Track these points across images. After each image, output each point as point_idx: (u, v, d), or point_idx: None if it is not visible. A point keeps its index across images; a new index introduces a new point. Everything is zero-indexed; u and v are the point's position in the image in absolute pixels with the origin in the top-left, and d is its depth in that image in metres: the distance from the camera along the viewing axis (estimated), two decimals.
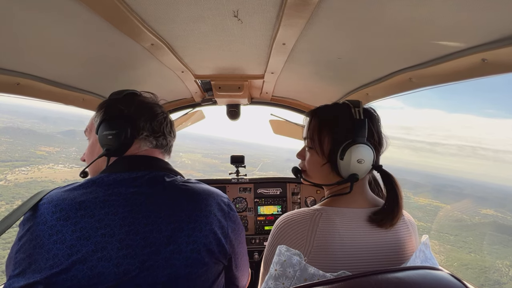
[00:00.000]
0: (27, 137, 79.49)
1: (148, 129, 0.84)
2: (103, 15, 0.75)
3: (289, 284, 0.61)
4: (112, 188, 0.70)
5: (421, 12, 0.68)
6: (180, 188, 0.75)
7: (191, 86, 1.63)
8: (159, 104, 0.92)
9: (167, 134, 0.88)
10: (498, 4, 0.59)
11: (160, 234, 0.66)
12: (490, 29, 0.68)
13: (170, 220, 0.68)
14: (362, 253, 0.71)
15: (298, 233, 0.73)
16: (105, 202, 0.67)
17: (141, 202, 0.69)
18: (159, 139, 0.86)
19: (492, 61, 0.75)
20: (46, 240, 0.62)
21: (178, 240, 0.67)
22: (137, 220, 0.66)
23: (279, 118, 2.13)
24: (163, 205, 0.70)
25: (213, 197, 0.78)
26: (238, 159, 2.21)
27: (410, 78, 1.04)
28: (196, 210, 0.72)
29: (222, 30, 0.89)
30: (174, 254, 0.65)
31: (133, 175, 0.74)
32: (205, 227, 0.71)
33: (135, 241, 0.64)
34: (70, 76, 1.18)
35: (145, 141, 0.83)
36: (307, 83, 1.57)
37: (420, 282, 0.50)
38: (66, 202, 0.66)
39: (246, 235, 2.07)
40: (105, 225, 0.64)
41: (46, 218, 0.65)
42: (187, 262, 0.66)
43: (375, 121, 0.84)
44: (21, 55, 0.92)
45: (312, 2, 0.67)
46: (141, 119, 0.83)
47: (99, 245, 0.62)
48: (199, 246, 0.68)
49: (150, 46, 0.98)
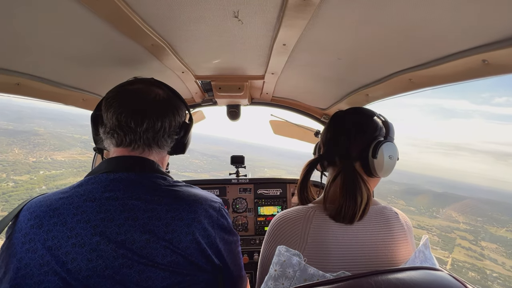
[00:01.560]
0: None
1: (110, 125, 0.73)
2: (103, 15, 0.75)
3: (288, 285, 0.61)
4: (88, 193, 0.65)
5: (421, 13, 0.68)
6: (161, 194, 0.68)
7: (191, 86, 1.63)
8: (149, 91, 0.77)
9: (137, 126, 0.72)
10: (498, 5, 0.59)
11: (133, 245, 0.61)
12: (491, 30, 0.68)
13: (144, 229, 0.62)
14: (356, 251, 0.72)
15: (293, 230, 0.75)
16: (78, 208, 0.62)
17: (115, 209, 0.63)
18: (120, 133, 0.72)
19: (492, 62, 0.75)
20: (19, 248, 0.59)
21: (153, 252, 0.61)
22: (109, 229, 0.61)
23: (279, 118, 2.14)
24: (139, 212, 0.64)
25: (200, 202, 0.71)
26: (238, 159, 2.21)
27: (410, 79, 1.04)
28: (176, 218, 0.66)
29: (222, 31, 0.89)
30: (148, 267, 0.60)
31: (111, 177, 0.68)
32: (186, 237, 0.65)
33: (105, 252, 0.59)
34: (70, 76, 1.18)
35: (110, 138, 0.74)
36: (307, 84, 1.57)
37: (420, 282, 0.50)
38: (42, 208, 0.63)
39: (246, 235, 2.07)
40: (76, 234, 0.60)
41: (21, 226, 0.62)
42: (165, 275, 0.61)
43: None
44: (21, 55, 0.92)
45: (312, 3, 0.67)
46: (105, 113, 0.73)
47: (69, 255, 0.58)
48: (177, 258, 0.63)
49: (150, 47, 0.98)
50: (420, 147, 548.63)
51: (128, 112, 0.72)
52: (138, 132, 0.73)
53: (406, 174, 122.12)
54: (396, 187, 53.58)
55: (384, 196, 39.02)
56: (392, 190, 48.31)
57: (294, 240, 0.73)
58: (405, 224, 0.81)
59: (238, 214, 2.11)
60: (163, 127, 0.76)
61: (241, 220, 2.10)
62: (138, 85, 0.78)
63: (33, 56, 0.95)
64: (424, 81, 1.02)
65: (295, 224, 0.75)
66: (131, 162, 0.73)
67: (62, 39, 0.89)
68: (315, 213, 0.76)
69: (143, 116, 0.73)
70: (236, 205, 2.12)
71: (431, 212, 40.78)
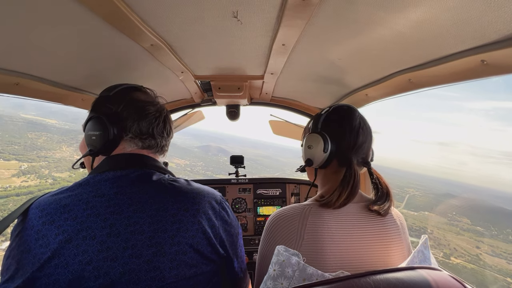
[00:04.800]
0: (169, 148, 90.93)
1: (134, 131, 0.79)
2: (102, 15, 0.75)
3: (287, 284, 0.61)
4: (96, 189, 0.68)
5: (420, 13, 0.68)
6: (166, 187, 0.72)
7: (190, 86, 1.63)
8: (155, 101, 0.87)
9: (157, 135, 0.83)
10: (497, 6, 0.59)
11: (142, 236, 0.64)
12: (489, 31, 0.68)
13: (152, 220, 0.66)
14: (350, 249, 0.73)
15: (289, 227, 0.76)
16: (87, 203, 0.65)
17: (123, 203, 0.67)
18: (145, 140, 0.81)
19: (491, 62, 0.75)
20: (33, 244, 0.62)
21: (161, 241, 0.64)
22: (118, 221, 0.64)
23: (279, 118, 2.14)
24: (146, 205, 0.67)
25: (203, 195, 0.75)
26: (237, 159, 2.21)
27: (410, 79, 1.04)
28: (181, 209, 0.69)
29: (222, 31, 0.89)
30: (157, 257, 0.63)
31: (118, 174, 0.72)
32: (192, 226, 0.68)
33: (116, 243, 0.62)
34: (69, 76, 1.17)
35: (130, 142, 0.80)
36: (307, 84, 1.57)
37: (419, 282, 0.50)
38: (52, 206, 0.65)
39: (246, 235, 2.07)
40: (87, 227, 0.63)
41: (33, 223, 0.64)
42: (172, 264, 0.64)
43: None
44: (20, 55, 0.92)
45: (312, 3, 0.68)
46: (128, 120, 0.79)
47: (80, 248, 0.61)
48: (185, 248, 0.66)
49: (149, 47, 0.98)
50: (481, 157, 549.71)
51: (157, 124, 0.84)
52: (159, 140, 0.85)
53: (463, 187, 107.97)
54: (455, 201, 44.95)
55: (444, 212, 34.00)
56: (452, 205, 39.91)
57: (291, 237, 0.74)
58: (399, 222, 0.83)
59: (238, 214, 2.11)
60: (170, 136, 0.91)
61: (241, 220, 2.10)
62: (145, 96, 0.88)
63: (32, 56, 0.95)
64: (424, 81, 1.02)
65: (291, 221, 0.77)
66: (135, 160, 0.78)
67: (61, 39, 0.88)
68: (311, 210, 0.77)
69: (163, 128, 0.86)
70: (235, 205, 2.12)
71: (506, 235, 32.56)
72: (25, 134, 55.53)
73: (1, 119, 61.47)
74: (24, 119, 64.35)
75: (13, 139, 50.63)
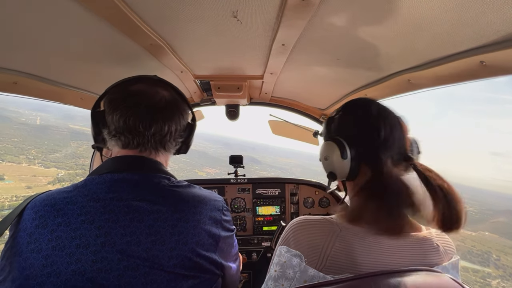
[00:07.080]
0: (200, 157, 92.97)
1: (116, 127, 0.72)
2: (102, 14, 0.74)
3: (288, 285, 0.61)
4: (92, 193, 0.64)
5: (419, 14, 0.68)
6: (166, 194, 0.68)
7: (190, 86, 1.63)
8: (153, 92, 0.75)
9: (146, 130, 0.72)
10: (496, 6, 0.59)
11: (139, 247, 0.60)
12: (488, 31, 0.68)
13: (150, 231, 0.62)
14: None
15: (315, 240, 0.64)
16: (82, 209, 0.62)
17: (120, 210, 0.62)
18: (128, 136, 0.71)
19: (490, 63, 0.76)
20: (24, 248, 0.59)
21: (158, 254, 0.60)
22: (114, 230, 0.60)
23: (278, 118, 2.14)
24: (144, 214, 0.63)
25: (205, 203, 0.71)
26: (236, 159, 2.21)
27: (409, 79, 1.05)
28: (182, 220, 0.65)
29: (221, 31, 0.89)
30: (153, 270, 0.59)
31: (115, 177, 0.67)
32: (192, 239, 0.65)
33: (110, 253, 0.58)
34: (68, 75, 1.17)
35: (116, 140, 0.73)
36: (306, 84, 1.57)
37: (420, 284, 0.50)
38: (46, 208, 0.62)
39: (245, 235, 2.07)
40: (80, 234, 0.59)
41: (26, 225, 0.61)
42: (170, 277, 0.60)
43: None
44: (19, 54, 0.92)
45: (312, 3, 0.67)
46: (110, 115, 0.72)
47: (73, 256, 0.57)
48: (183, 261, 0.62)
49: (149, 46, 0.97)
50: None
51: (136, 116, 0.71)
52: (146, 136, 0.73)
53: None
54: (503, 218, 36.84)
55: (509, 232, 28.08)
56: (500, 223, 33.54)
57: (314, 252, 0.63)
58: (444, 253, 0.67)
59: (237, 214, 2.11)
60: (170, 131, 0.76)
61: (240, 220, 2.10)
62: (142, 86, 0.76)
63: (31, 54, 0.94)
64: (423, 82, 1.03)
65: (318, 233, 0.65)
66: (135, 162, 0.73)
67: (60, 38, 0.88)
68: (339, 235, 0.63)
69: (151, 121, 0.72)
70: (234, 205, 2.12)
71: None
72: (68, 143, 56.97)
73: (48, 129, 63.52)
74: (70, 129, 66.19)
75: (56, 147, 51.72)
